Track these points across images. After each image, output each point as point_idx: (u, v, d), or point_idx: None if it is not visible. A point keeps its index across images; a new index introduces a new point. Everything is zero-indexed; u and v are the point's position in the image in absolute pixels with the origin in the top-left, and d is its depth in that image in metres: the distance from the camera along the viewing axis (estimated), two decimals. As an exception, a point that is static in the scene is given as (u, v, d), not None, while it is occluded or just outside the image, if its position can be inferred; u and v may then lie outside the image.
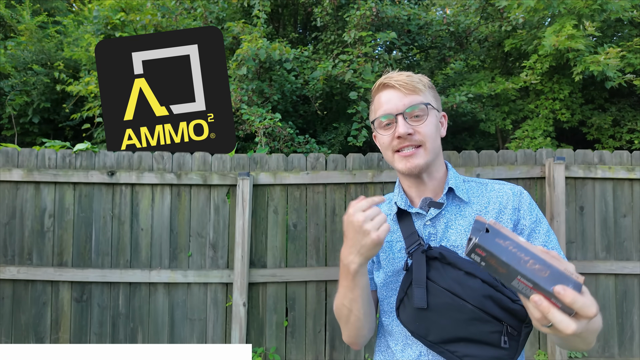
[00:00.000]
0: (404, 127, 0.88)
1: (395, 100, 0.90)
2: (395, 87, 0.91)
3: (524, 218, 0.89)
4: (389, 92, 0.92)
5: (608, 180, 2.99)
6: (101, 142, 4.21)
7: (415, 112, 0.90)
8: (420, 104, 0.90)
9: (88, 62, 4.21)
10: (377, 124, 0.94)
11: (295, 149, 3.81)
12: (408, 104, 0.90)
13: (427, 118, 0.90)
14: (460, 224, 0.90)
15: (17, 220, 2.85)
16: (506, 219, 0.89)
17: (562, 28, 3.84)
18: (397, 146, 0.90)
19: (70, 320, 2.82)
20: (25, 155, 2.88)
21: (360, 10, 4.13)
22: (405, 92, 0.91)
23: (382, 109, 0.92)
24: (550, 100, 4.54)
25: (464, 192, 0.93)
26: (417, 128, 0.89)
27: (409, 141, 0.89)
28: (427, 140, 0.89)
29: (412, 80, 0.92)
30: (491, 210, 0.90)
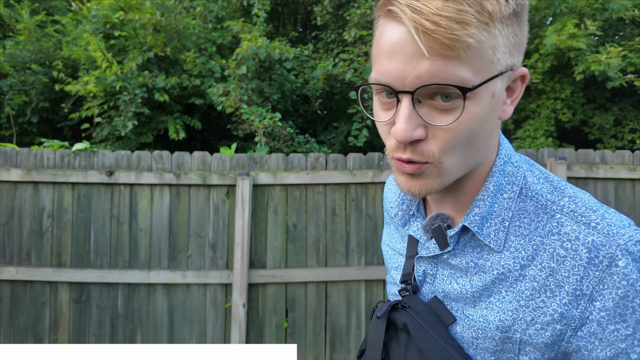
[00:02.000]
0: (404, 126, 0.43)
1: (405, 58, 0.42)
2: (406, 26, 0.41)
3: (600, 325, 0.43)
4: (398, 32, 0.43)
5: (610, 180, 2.97)
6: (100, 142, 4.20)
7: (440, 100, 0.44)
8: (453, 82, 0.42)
9: (87, 61, 4.19)
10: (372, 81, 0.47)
11: (295, 149, 3.79)
12: (425, 78, 0.42)
13: (463, 113, 0.43)
14: (473, 280, 0.51)
15: (16, 220, 2.83)
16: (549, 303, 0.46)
17: (564, 27, 3.83)
18: (392, 152, 0.48)
19: (69, 321, 2.80)
20: (23, 155, 2.86)
21: (361, 9, 4.11)
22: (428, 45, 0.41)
23: (383, 64, 0.45)
24: (551, 100, 4.53)
25: (500, 229, 0.50)
26: (436, 130, 0.45)
27: (412, 153, 0.46)
28: (449, 155, 0.46)
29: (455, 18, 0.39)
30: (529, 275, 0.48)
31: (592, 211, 0.47)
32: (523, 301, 0.47)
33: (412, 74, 0.42)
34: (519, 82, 0.50)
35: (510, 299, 0.48)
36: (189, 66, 3.98)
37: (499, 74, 0.45)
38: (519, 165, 0.53)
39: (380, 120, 0.48)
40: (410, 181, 0.48)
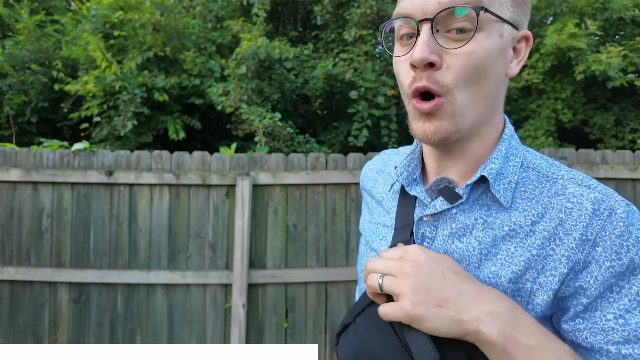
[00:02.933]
0: (422, 46, 0.47)
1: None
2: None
3: (597, 263, 0.47)
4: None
5: (610, 180, 2.97)
6: (99, 142, 4.19)
7: (461, 22, 0.48)
8: (468, 6, 0.47)
9: (86, 61, 4.19)
10: (395, 31, 0.53)
11: (295, 149, 3.78)
12: (446, 3, 0.47)
13: (477, 38, 0.48)
14: (480, 238, 0.52)
15: (15, 220, 2.82)
16: (559, 253, 0.49)
17: (564, 27, 3.82)
18: (411, 85, 0.50)
19: (68, 321, 2.80)
20: (23, 155, 2.85)
21: (361, 9, 4.10)
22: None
23: (402, 5, 0.51)
24: (552, 100, 4.52)
25: (509, 187, 0.53)
26: (451, 55, 0.48)
27: (428, 80, 0.49)
28: (460, 85, 0.49)
29: None
30: (540, 230, 0.50)
31: (588, 179, 0.54)
32: (535, 251, 0.50)
33: (433, 1, 0.48)
34: (523, 43, 0.55)
35: (521, 252, 0.50)
36: (188, 66, 3.97)
37: (506, 19, 0.50)
38: (519, 143, 0.59)
39: (401, 54, 0.52)
40: (426, 123, 0.51)
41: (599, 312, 0.47)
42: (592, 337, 0.47)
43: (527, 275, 0.50)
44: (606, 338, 0.46)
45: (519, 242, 0.51)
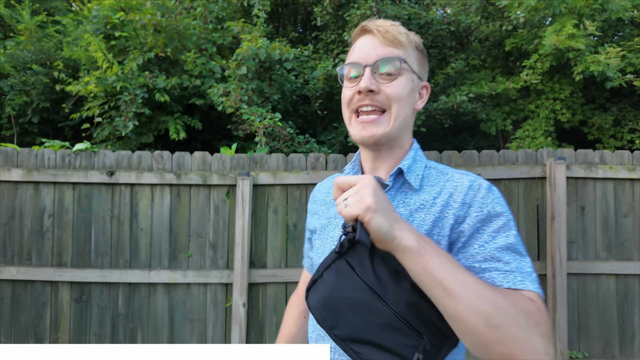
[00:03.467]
0: (367, 80, 0.75)
1: (369, 49, 0.78)
2: (373, 32, 0.78)
3: (470, 217, 0.71)
4: (366, 39, 0.80)
5: (609, 180, 2.98)
6: (101, 142, 4.20)
7: (387, 69, 0.76)
8: (395, 58, 0.76)
9: (87, 61, 4.20)
10: (344, 73, 0.81)
11: (295, 149, 3.80)
12: (382, 56, 0.76)
13: (399, 79, 0.77)
14: (401, 212, 0.76)
15: (17, 220, 2.84)
16: (450, 214, 0.73)
17: (563, 27, 3.83)
18: (356, 104, 0.78)
19: (69, 321, 2.81)
20: (24, 155, 2.87)
21: (361, 10, 4.12)
22: (382, 40, 0.77)
23: (353, 57, 0.80)
24: (551, 100, 4.54)
25: (417, 177, 0.79)
26: (383, 87, 0.76)
27: (370, 100, 0.76)
28: (394, 105, 0.76)
29: (397, 29, 0.78)
30: (439, 202, 0.75)
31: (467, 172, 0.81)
32: (437, 215, 0.75)
33: (374, 54, 0.77)
34: (424, 90, 0.85)
35: (428, 217, 0.76)
36: (189, 66, 3.99)
37: (415, 71, 0.80)
38: (423, 155, 0.86)
39: (349, 88, 0.80)
40: (366, 129, 0.77)
41: (470, 246, 0.71)
42: (465, 261, 0.69)
43: (434, 231, 0.74)
44: (473, 259, 0.69)
45: (426, 211, 0.76)
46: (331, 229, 0.85)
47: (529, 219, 2.99)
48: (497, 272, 0.66)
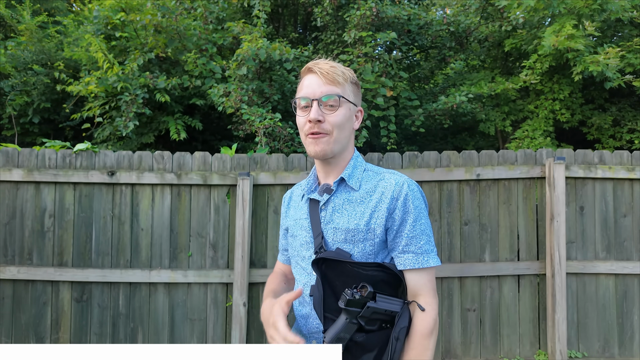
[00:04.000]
0: (315, 112, 0.98)
1: (315, 87, 1.00)
2: (317, 73, 1.01)
3: (398, 209, 0.99)
4: (311, 77, 1.02)
5: (608, 180, 2.99)
6: (101, 142, 4.21)
7: (329, 102, 1.00)
8: (335, 95, 0.99)
9: (88, 62, 4.21)
10: (297, 103, 1.04)
11: (295, 149, 3.81)
12: (325, 93, 0.99)
13: (339, 109, 1.00)
14: (346, 208, 1.02)
15: (17, 220, 2.85)
16: (384, 207, 0.99)
17: (562, 28, 3.84)
18: (308, 130, 1.01)
19: (70, 320, 2.82)
20: (25, 155, 2.88)
21: (361, 10, 4.13)
22: (324, 80, 1.00)
23: (303, 92, 1.02)
24: (550, 101, 4.55)
25: (357, 180, 1.04)
26: (327, 117, 0.99)
27: (318, 127, 0.99)
28: (335, 130, 1.00)
29: (334, 71, 1.01)
30: (375, 198, 1.01)
31: (397, 172, 1.06)
32: (373, 207, 1.00)
33: (319, 91, 1.00)
34: (359, 113, 1.09)
35: (368, 210, 1.00)
36: (189, 67, 4.00)
37: (351, 101, 1.04)
38: (362, 160, 1.11)
39: (302, 117, 1.03)
40: (317, 145, 1.00)
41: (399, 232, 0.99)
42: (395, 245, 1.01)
43: (372, 221, 0.99)
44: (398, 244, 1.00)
45: (365, 205, 1.01)
46: (299, 227, 1.10)
47: (528, 219, 3.00)
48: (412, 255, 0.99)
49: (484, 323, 2.96)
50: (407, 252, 0.98)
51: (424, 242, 0.99)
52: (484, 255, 2.96)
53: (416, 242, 0.98)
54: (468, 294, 2.95)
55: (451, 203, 2.97)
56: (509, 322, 2.96)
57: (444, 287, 2.94)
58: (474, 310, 2.95)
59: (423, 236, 0.99)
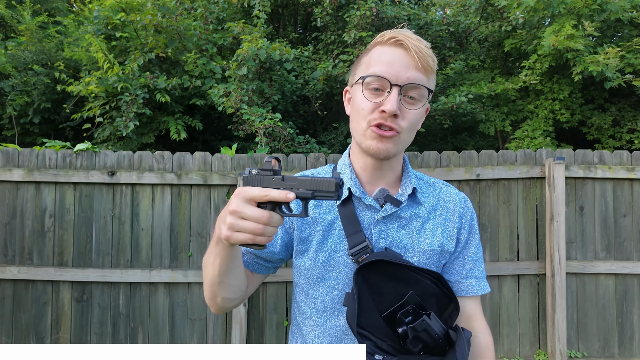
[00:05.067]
0: (395, 103, 0.74)
1: (401, 67, 0.76)
2: (410, 50, 0.76)
3: (464, 228, 0.88)
4: (398, 52, 0.77)
5: (608, 180, 3.00)
6: (102, 142, 4.22)
7: (412, 92, 0.77)
8: (424, 87, 0.77)
9: (88, 62, 4.22)
10: (365, 80, 0.78)
11: (295, 149, 3.81)
12: (413, 79, 0.76)
13: (419, 105, 0.78)
14: (415, 225, 0.85)
15: (18, 220, 2.85)
16: (452, 226, 0.87)
17: (562, 28, 3.85)
18: (376, 120, 0.77)
19: (70, 320, 2.82)
20: (25, 155, 2.88)
21: (361, 11, 4.13)
22: (415, 63, 0.76)
23: (381, 68, 0.76)
24: (550, 101, 4.55)
25: (422, 193, 0.88)
26: (405, 112, 0.77)
27: (392, 122, 0.76)
28: (406, 131, 0.79)
29: (430, 54, 0.78)
30: (439, 214, 0.87)
31: (447, 182, 0.95)
32: (443, 226, 0.87)
33: (405, 76, 0.76)
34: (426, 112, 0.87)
35: (438, 228, 0.87)
36: (190, 67, 4.00)
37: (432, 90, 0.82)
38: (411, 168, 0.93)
39: (372, 101, 0.78)
40: (380, 144, 0.78)
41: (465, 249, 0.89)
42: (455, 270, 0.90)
43: (444, 241, 0.86)
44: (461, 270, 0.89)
45: (432, 222, 0.87)
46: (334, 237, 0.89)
47: (528, 219, 3.00)
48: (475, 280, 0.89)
49: (483, 323, 2.96)
50: (471, 277, 0.88)
51: (483, 267, 0.91)
52: (484, 255, 2.96)
53: (479, 267, 0.89)
54: (468, 294, 2.95)
55: (451, 203, 2.97)
56: (508, 321, 2.96)
57: (443, 287, 2.94)
58: (474, 310, 2.95)
59: (482, 259, 0.91)
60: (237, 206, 0.63)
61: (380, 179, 0.86)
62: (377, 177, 0.86)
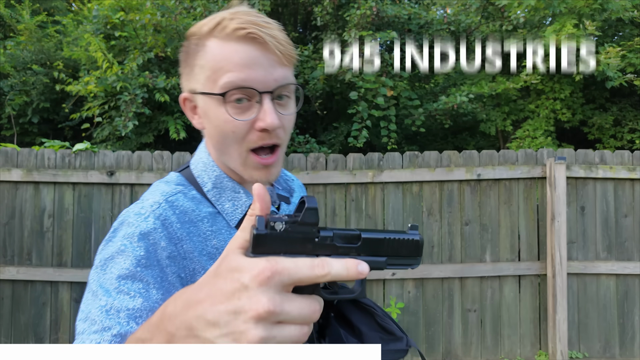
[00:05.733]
0: (274, 115, 0.58)
1: (263, 68, 0.59)
2: (267, 45, 0.59)
3: None
4: (253, 49, 0.59)
5: (609, 180, 2.98)
6: (101, 142, 4.20)
7: (283, 92, 0.62)
8: (293, 84, 0.63)
9: (87, 61, 4.21)
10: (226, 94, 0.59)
11: (295, 149, 3.80)
12: (281, 79, 0.60)
13: (292, 107, 0.64)
14: None
15: (17, 220, 2.84)
16: None
17: (563, 27, 3.84)
18: (256, 142, 0.60)
19: (69, 321, 2.81)
20: (24, 155, 2.87)
21: (361, 10, 4.12)
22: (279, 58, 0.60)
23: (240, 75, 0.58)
24: (551, 100, 4.54)
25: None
26: (283, 119, 0.62)
27: (275, 137, 0.61)
28: (286, 140, 0.65)
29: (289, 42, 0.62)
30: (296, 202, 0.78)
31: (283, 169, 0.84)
32: None
33: (271, 78, 0.59)
34: None
35: None
36: (189, 66, 3.98)
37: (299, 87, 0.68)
38: None
39: (244, 119, 0.60)
40: (268, 172, 0.63)
41: None
42: None
43: None
44: None
45: None
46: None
47: (529, 219, 2.99)
48: None
49: (484, 323, 2.95)
50: None
51: None
52: (485, 256, 2.95)
53: None
54: (469, 295, 2.94)
55: (452, 203, 2.96)
56: (509, 322, 2.95)
57: (444, 288, 2.93)
58: (475, 310, 2.94)
59: None
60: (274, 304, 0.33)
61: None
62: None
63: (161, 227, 0.59)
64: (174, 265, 0.59)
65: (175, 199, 0.63)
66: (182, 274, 0.60)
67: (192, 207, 0.64)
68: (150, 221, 0.59)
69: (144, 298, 0.54)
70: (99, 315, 0.54)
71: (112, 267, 0.56)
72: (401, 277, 2.89)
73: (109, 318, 0.53)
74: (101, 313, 0.54)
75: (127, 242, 0.58)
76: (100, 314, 0.54)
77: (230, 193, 0.67)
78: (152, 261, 0.56)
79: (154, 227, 0.58)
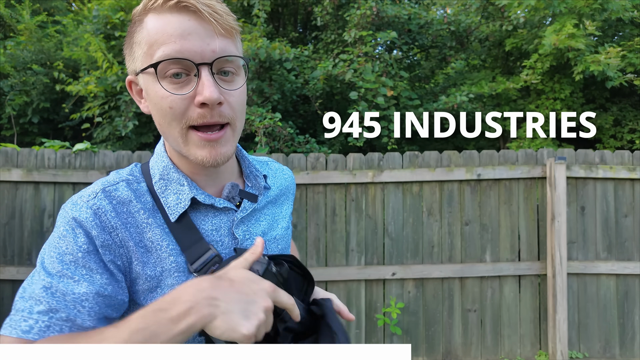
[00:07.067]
0: (213, 87, 0.56)
1: (198, 38, 0.56)
2: (201, 14, 0.56)
3: (292, 205, 0.83)
4: (186, 19, 0.56)
5: (609, 180, 2.98)
6: (101, 142, 4.21)
7: (227, 67, 0.59)
8: (236, 56, 0.59)
9: (87, 61, 4.20)
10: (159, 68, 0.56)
11: (295, 149, 3.80)
12: (221, 50, 0.57)
13: (240, 82, 0.61)
14: (271, 211, 0.75)
15: (17, 220, 2.84)
16: (289, 203, 0.81)
17: (563, 27, 3.84)
18: (196, 120, 0.58)
19: (69, 321, 2.81)
20: (24, 155, 2.87)
21: (361, 10, 4.12)
22: (216, 27, 0.57)
23: (174, 46, 0.55)
24: (551, 100, 4.54)
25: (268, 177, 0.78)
26: (228, 95, 0.59)
27: (217, 115, 0.58)
28: (238, 117, 0.61)
29: (227, 11, 0.59)
30: (283, 194, 0.79)
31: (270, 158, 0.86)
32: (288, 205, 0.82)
33: (208, 49, 0.56)
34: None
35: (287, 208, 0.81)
36: (189, 66, 3.98)
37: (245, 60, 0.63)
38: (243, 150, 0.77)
39: (181, 93, 0.57)
40: (213, 150, 0.60)
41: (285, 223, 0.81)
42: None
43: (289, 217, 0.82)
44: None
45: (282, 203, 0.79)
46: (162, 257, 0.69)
47: (529, 219, 2.99)
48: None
49: (484, 324, 2.95)
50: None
51: None
52: (485, 256, 2.95)
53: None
54: (469, 295, 2.94)
55: (452, 203, 2.96)
56: (509, 322, 2.95)
57: (444, 288, 2.93)
58: (475, 310, 2.94)
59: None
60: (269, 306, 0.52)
61: (220, 176, 0.69)
62: (216, 176, 0.68)
63: (93, 215, 0.59)
64: (109, 254, 0.60)
65: (114, 189, 0.63)
66: (119, 262, 0.60)
67: (132, 197, 0.63)
68: (83, 210, 0.60)
69: (88, 282, 0.57)
70: (42, 294, 0.55)
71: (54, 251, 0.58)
72: (401, 277, 2.89)
73: (55, 300, 0.55)
74: (45, 293, 0.55)
75: (67, 228, 0.59)
76: (44, 293, 0.55)
77: (175, 186, 0.65)
78: (90, 247, 0.59)
79: (86, 217, 0.59)
